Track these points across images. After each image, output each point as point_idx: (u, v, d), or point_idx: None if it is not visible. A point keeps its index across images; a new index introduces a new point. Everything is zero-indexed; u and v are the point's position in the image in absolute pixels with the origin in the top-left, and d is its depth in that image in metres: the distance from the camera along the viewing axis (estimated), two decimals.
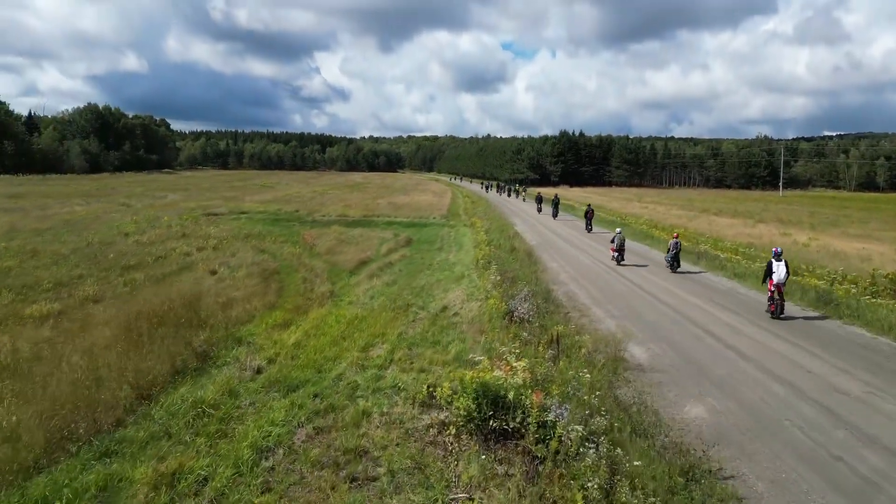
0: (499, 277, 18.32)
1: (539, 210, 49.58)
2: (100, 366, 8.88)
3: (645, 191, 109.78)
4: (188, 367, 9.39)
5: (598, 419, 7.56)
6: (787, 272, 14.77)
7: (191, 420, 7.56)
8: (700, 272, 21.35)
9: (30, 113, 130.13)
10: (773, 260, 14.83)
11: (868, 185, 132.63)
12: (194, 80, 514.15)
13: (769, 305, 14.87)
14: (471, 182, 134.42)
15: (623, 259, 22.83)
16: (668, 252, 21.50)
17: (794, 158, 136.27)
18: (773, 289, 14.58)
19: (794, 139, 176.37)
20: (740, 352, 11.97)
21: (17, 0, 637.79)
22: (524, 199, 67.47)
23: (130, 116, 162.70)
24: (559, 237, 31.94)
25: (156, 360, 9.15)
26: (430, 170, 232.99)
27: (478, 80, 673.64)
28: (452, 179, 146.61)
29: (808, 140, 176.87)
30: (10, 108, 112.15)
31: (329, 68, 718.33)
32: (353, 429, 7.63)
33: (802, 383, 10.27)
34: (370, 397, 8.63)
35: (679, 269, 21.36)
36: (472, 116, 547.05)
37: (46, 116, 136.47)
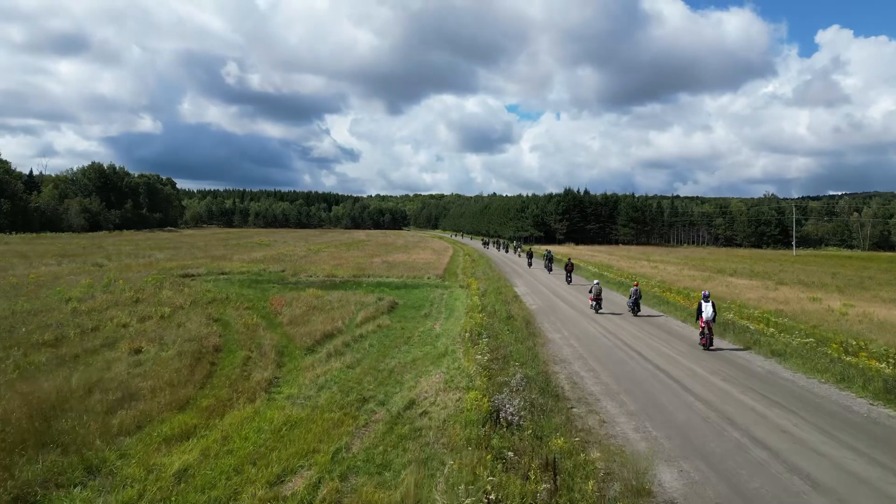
0: (488, 356, 15.10)
1: (529, 264, 52.26)
2: None
3: (652, 249, 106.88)
4: None
5: None
6: (714, 311, 17.34)
7: None
8: (731, 349, 18.00)
9: (30, 171, 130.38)
10: (702, 301, 17.38)
11: (882, 244, 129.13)
12: (207, 141, 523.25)
13: (700, 339, 17.38)
14: (471, 239, 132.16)
15: (601, 308, 24.06)
16: (629, 298, 23.76)
17: (805, 217, 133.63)
18: (703, 325, 17.18)
19: (801, 198, 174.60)
20: (814, 481, 8.55)
21: (39, 66, 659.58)
22: (519, 255, 68.22)
23: (136, 175, 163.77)
24: (561, 299, 28.66)
25: None
26: (434, 227, 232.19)
27: (483, 140, 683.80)
28: (453, 236, 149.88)
29: (815, 199, 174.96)
30: (12, 166, 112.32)
31: (339, 129, 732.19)
32: None
33: None
34: None
35: (640, 314, 23.68)
36: (479, 175, 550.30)
37: (49, 175, 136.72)
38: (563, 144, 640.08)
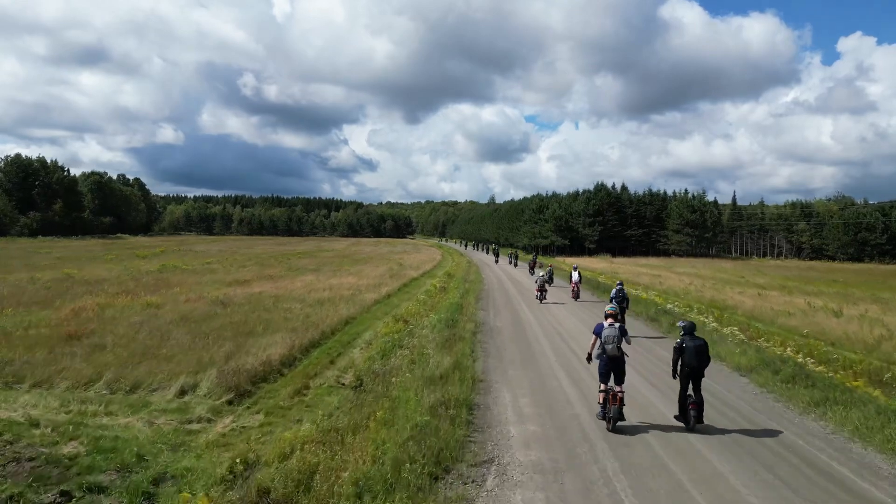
0: None
1: (496, 261, 53.79)
2: None
3: (721, 263, 77.41)
4: None
5: None
6: (580, 277, 26.99)
7: None
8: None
9: None
10: (572, 271, 27.06)
11: None
12: (228, 152, 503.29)
13: (571, 294, 26.46)
14: (460, 244, 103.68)
15: (545, 298, 24.99)
16: (545, 275, 26.90)
17: None
18: (573, 285, 26.41)
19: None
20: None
21: (64, 78, 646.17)
22: (511, 263, 52.38)
23: (88, 173, 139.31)
24: None
25: None
26: (442, 235, 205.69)
27: (501, 150, 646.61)
28: (443, 242, 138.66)
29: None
30: None
31: (357, 140, 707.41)
32: None
33: None
34: None
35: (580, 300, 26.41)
36: (497, 185, 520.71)
37: None
38: (583, 154, 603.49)
